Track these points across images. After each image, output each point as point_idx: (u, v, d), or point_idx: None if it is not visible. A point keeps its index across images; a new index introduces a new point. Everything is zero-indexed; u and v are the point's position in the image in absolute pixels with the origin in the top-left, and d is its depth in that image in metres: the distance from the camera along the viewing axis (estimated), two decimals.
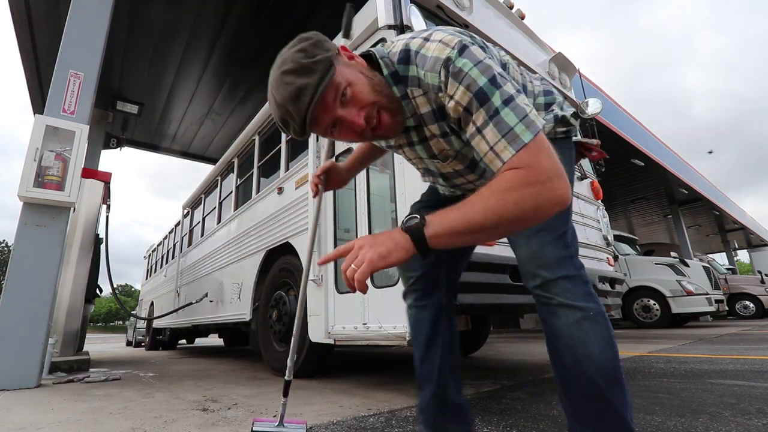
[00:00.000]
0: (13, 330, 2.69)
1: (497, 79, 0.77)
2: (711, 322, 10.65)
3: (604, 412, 0.87)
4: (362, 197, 2.48)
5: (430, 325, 1.15)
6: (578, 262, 0.97)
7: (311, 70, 0.82)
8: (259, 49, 5.41)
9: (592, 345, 0.89)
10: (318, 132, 0.91)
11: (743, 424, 1.47)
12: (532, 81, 1.08)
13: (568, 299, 0.92)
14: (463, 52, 0.79)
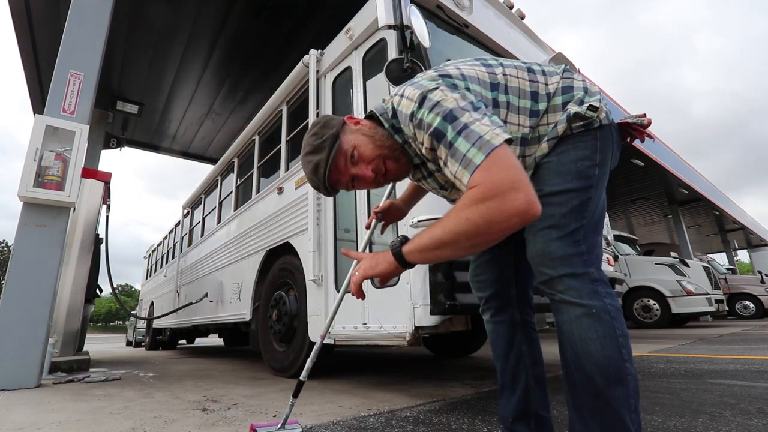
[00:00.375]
0: (13, 330, 2.69)
1: (451, 114, 0.86)
2: (711, 322, 10.66)
3: (603, 410, 0.88)
4: (362, 198, 2.48)
5: (506, 340, 1.21)
6: (589, 259, 0.98)
7: (321, 148, 1.04)
8: (259, 49, 5.41)
9: (591, 342, 0.91)
10: (342, 188, 1.11)
11: (743, 424, 1.47)
12: (548, 82, 1.07)
13: (570, 296, 0.94)
14: (422, 104, 0.92)
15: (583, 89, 1.06)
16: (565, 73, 1.10)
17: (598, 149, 1.02)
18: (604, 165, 1.03)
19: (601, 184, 1.03)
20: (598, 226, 1.04)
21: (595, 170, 1.01)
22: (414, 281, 1.99)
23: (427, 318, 1.92)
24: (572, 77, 1.09)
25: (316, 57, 3.15)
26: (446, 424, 1.61)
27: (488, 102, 1.00)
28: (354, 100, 2.74)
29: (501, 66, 1.08)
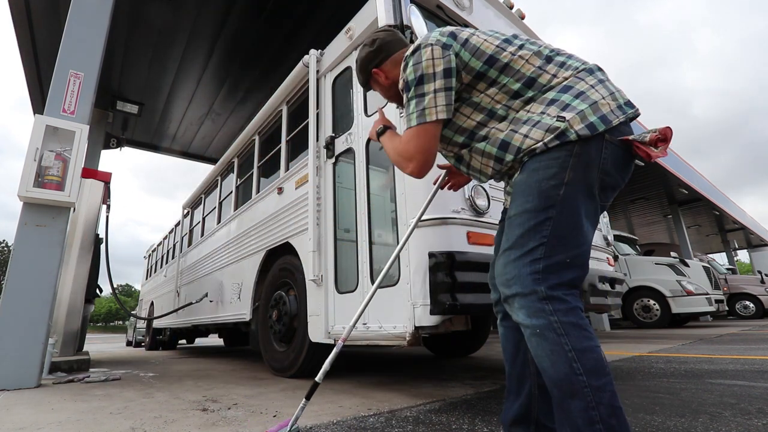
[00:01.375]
0: (13, 330, 2.69)
1: (421, 77, 1.12)
2: (711, 322, 10.66)
3: (564, 421, 0.92)
4: (362, 197, 2.48)
5: (513, 345, 1.23)
6: (544, 277, 0.97)
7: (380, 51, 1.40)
8: (259, 49, 5.41)
9: (541, 359, 0.96)
10: (371, 85, 1.46)
11: (743, 424, 1.47)
12: (557, 74, 1.08)
13: (520, 317, 1.00)
14: (414, 52, 1.16)
15: (577, 95, 1.03)
16: (583, 73, 1.08)
17: (570, 167, 0.99)
18: (576, 184, 0.99)
19: (568, 203, 0.99)
20: (569, 241, 1.00)
21: (559, 190, 0.99)
22: (414, 281, 1.99)
23: (427, 318, 1.92)
24: (585, 79, 1.06)
25: (316, 57, 3.15)
26: (446, 424, 1.61)
27: (471, 71, 1.13)
28: (354, 100, 2.74)
29: (520, 47, 1.13)
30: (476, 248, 2.05)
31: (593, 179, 1.01)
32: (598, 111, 1.00)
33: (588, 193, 1.02)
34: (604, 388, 0.89)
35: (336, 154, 2.83)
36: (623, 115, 1.02)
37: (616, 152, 1.02)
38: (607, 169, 1.02)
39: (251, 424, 1.68)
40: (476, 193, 2.14)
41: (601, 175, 1.02)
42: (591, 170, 1.00)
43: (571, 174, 0.99)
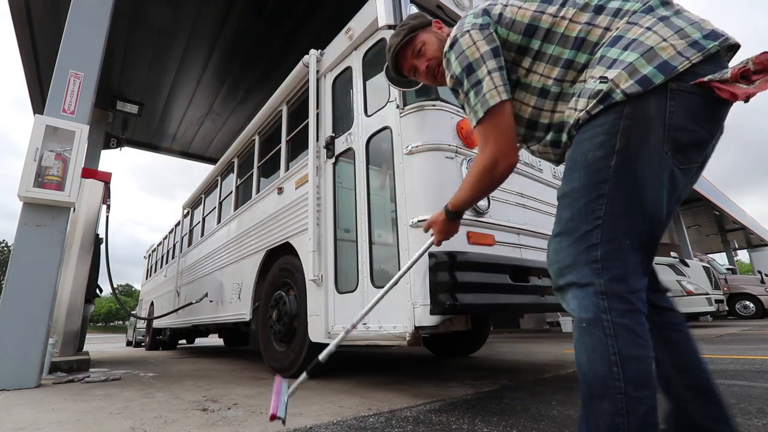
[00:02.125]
0: (13, 330, 2.69)
1: (469, 66, 1.05)
2: (711, 322, 10.65)
3: (587, 419, 0.86)
4: (362, 197, 2.48)
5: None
6: (603, 267, 0.85)
7: (398, 34, 1.34)
8: (259, 49, 5.41)
9: (579, 353, 0.88)
10: (404, 73, 1.40)
11: (743, 424, 1.47)
12: (610, 27, 0.93)
13: (570, 306, 0.90)
14: (453, 46, 1.09)
15: (626, 45, 0.87)
16: (637, 15, 0.90)
17: (620, 132, 0.85)
18: (632, 150, 0.85)
19: (624, 174, 0.85)
20: (631, 219, 0.86)
21: (610, 160, 0.86)
22: (414, 281, 1.99)
23: (427, 318, 1.92)
24: (639, 22, 0.89)
25: (316, 57, 3.15)
26: (446, 424, 1.61)
27: (512, 47, 1.05)
28: (354, 100, 2.74)
29: (562, 5, 0.99)
30: (476, 248, 2.05)
31: (658, 140, 0.84)
32: (656, 58, 0.83)
33: (652, 158, 0.85)
34: (642, 401, 0.79)
35: (336, 154, 2.83)
36: (699, 53, 0.82)
37: (689, 101, 0.84)
38: (678, 124, 0.84)
39: (251, 424, 1.68)
40: None
41: (672, 132, 0.84)
42: (652, 130, 0.84)
43: (623, 140, 0.85)
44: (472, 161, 2.20)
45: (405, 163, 2.20)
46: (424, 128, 2.19)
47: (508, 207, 2.36)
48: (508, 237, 2.27)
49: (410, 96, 2.29)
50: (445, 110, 2.25)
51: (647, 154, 0.85)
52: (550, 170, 2.86)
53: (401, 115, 2.28)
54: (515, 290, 2.12)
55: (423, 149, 2.15)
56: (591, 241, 0.87)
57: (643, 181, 0.86)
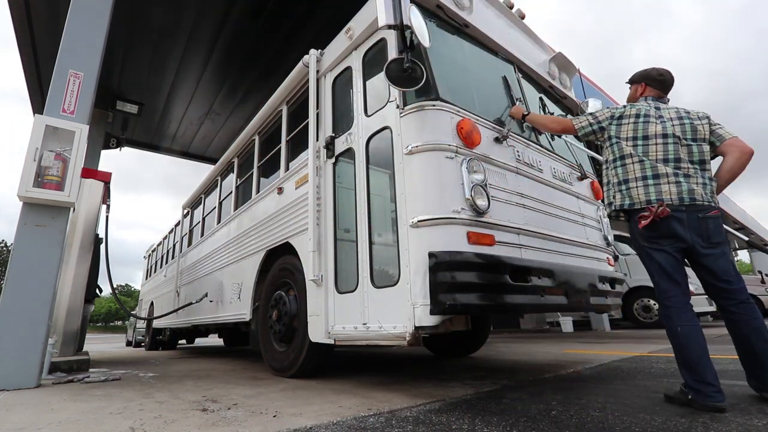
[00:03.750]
0: (13, 330, 2.69)
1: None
2: (711, 322, 10.65)
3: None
4: (362, 197, 2.48)
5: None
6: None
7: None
8: (259, 50, 5.41)
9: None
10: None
11: (743, 424, 1.47)
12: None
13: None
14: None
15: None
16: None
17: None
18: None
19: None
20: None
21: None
22: (414, 281, 1.99)
23: (427, 318, 1.92)
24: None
25: (316, 57, 3.15)
26: (446, 424, 1.60)
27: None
28: (354, 100, 2.74)
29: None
30: (476, 248, 2.05)
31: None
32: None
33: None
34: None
35: (336, 154, 2.83)
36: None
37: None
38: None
39: (251, 424, 1.68)
40: (476, 193, 2.13)
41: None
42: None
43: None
44: (471, 161, 2.20)
45: (405, 163, 2.20)
46: (424, 128, 2.19)
47: (508, 207, 2.36)
48: (508, 237, 2.27)
49: (410, 96, 2.29)
50: (445, 110, 2.25)
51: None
52: (550, 170, 2.86)
53: (401, 115, 2.28)
54: (515, 290, 2.12)
55: (423, 149, 2.15)
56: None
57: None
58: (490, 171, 2.32)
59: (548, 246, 2.52)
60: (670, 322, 1.82)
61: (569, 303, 2.42)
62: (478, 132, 2.32)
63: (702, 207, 1.85)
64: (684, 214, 1.84)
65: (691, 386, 1.73)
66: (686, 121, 1.98)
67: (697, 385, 1.70)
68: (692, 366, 1.73)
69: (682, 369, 1.77)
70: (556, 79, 3.54)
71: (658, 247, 1.89)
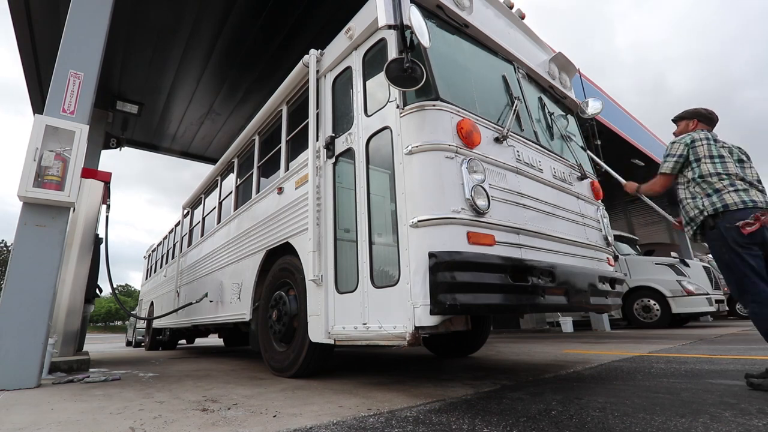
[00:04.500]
0: (13, 330, 2.69)
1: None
2: (711, 322, 10.65)
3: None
4: (362, 197, 2.48)
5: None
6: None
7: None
8: (259, 49, 5.41)
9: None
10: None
11: (743, 425, 1.46)
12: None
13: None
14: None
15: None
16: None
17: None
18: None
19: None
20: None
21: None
22: (414, 281, 1.99)
23: (427, 318, 1.92)
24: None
25: (316, 57, 3.15)
26: (446, 424, 1.60)
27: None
28: (354, 100, 2.74)
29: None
30: (476, 248, 2.05)
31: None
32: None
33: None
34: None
35: (336, 154, 2.83)
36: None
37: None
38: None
39: (251, 424, 1.68)
40: (476, 193, 2.13)
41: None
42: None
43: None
44: (471, 161, 2.20)
45: (405, 163, 2.20)
46: (424, 128, 2.19)
47: (508, 207, 2.36)
48: (508, 237, 2.27)
49: (410, 96, 2.29)
50: (445, 110, 2.25)
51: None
52: (550, 170, 2.86)
53: (401, 115, 2.28)
54: (515, 290, 2.12)
55: (423, 149, 2.15)
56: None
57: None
58: (490, 171, 2.32)
59: (548, 246, 2.52)
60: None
61: (569, 303, 2.42)
62: (478, 132, 2.32)
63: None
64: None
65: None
66: (738, 147, 2.39)
67: None
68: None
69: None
70: (556, 79, 3.55)
71: (753, 252, 2.10)
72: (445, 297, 1.88)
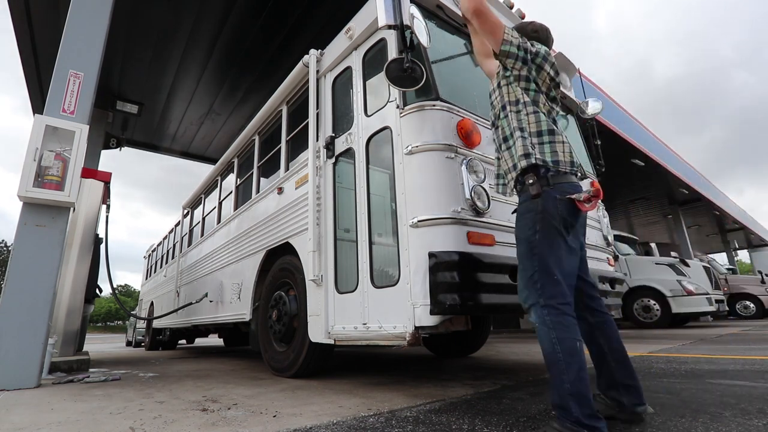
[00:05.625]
0: (13, 330, 2.69)
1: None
2: (711, 322, 10.65)
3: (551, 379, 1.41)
4: (362, 197, 2.48)
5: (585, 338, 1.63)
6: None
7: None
8: (259, 49, 5.41)
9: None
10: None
11: (743, 425, 1.46)
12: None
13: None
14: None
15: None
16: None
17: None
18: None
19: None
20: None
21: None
22: (414, 281, 1.99)
23: (427, 318, 1.92)
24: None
25: (316, 57, 3.15)
26: (446, 424, 1.60)
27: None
28: (354, 100, 2.74)
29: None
30: (476, 248, 2.05)
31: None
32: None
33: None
34: (573, 363, 1.35)
35: (336, 154, 2.83)
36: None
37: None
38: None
39: (251, 424, 1.68)
40: (476, 193, 2.13)
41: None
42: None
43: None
44: (471, 161, 2.20)
45: (405, 163, 2.20)
46: (424, 128, 2.19)
47: (508, 207, 2.36)
48: (508, 237, 2.27)
49: (410, 96, 2.29)
50: (445, 110, 2.25)
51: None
52: None
53: (401, 115, 2.28)
54: (515, 290, 2.11)
55: (423, 149, 2.15)
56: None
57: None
58: (490, 171, 2.32)
59: None
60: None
61: None
62: (478, 132, 2.32)
63: None
64: None
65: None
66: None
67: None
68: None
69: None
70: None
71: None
72: (445, 297, 1.88)
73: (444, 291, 1.89)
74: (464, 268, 1.94)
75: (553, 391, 1.38)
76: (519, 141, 1.61)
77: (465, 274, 1.93)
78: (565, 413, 1.31)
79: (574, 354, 1.35)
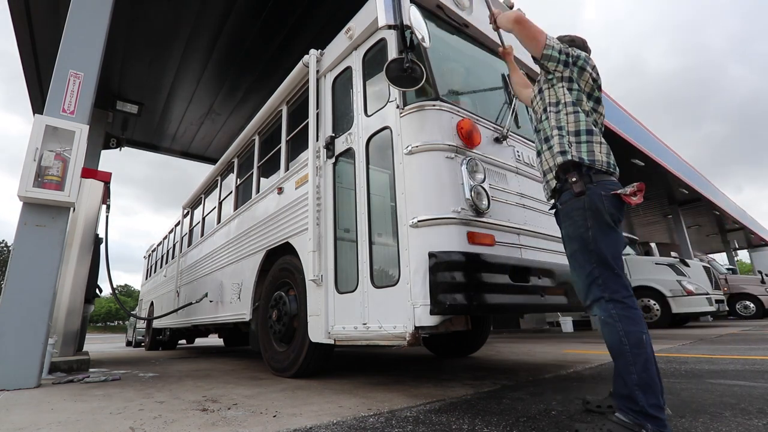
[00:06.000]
0: (13, 330, 2.69)
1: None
2: (711, 322, 10.65)
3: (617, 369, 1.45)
4: (362, 197, 2.48)
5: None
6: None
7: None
8: (259, 49, 5.41)
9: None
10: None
11: (743, 424, 1.46)
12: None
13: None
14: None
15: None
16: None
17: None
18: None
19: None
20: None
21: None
22: (414, 281, 1.99)
23: (427, 318, 1.92)
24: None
25: (316, 57, 3.15)
26: (446, 424, 1.60)
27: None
28: (354, 100, 2.74)
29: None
30: (476, 248, 2.05)
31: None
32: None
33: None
34: (640, 355, 1.39)
35: (336, 154, 2.83)
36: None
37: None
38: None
39: (251, 424, 1.68)
40: (476, 193, 2.14)
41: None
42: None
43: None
44: (471, 161, 2.20)
45: (405, 163, 2.20)
46: (424, 128, 2.19)
47: (508, 207, 2.36)
48: (508, 237, 2.27)
49: (410, 96, 2.29)
50: (445, 110, 2.25)
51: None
52: None
53: (401, 115, 2.28)
54: (515, 290, 2.12)
55: (423, 149, 2.15)
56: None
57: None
58: (490, 171, 2.32)
59: (548, 246, 2.52)
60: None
61: (569, 303, 2.42)
62: (478, 132, 2.32)
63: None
64: None
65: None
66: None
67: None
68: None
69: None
70: None
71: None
72: (445, 297, 1.88)
73: (444, 291, 1.89)
74: (464, 268, 1.94)
75: (618, 382, 1.41)
76: (556, 139, 1.66)
77: (465, 274, 1.93)
78: (631, 403, 1.34)
79: (641, 346, 1.39)
